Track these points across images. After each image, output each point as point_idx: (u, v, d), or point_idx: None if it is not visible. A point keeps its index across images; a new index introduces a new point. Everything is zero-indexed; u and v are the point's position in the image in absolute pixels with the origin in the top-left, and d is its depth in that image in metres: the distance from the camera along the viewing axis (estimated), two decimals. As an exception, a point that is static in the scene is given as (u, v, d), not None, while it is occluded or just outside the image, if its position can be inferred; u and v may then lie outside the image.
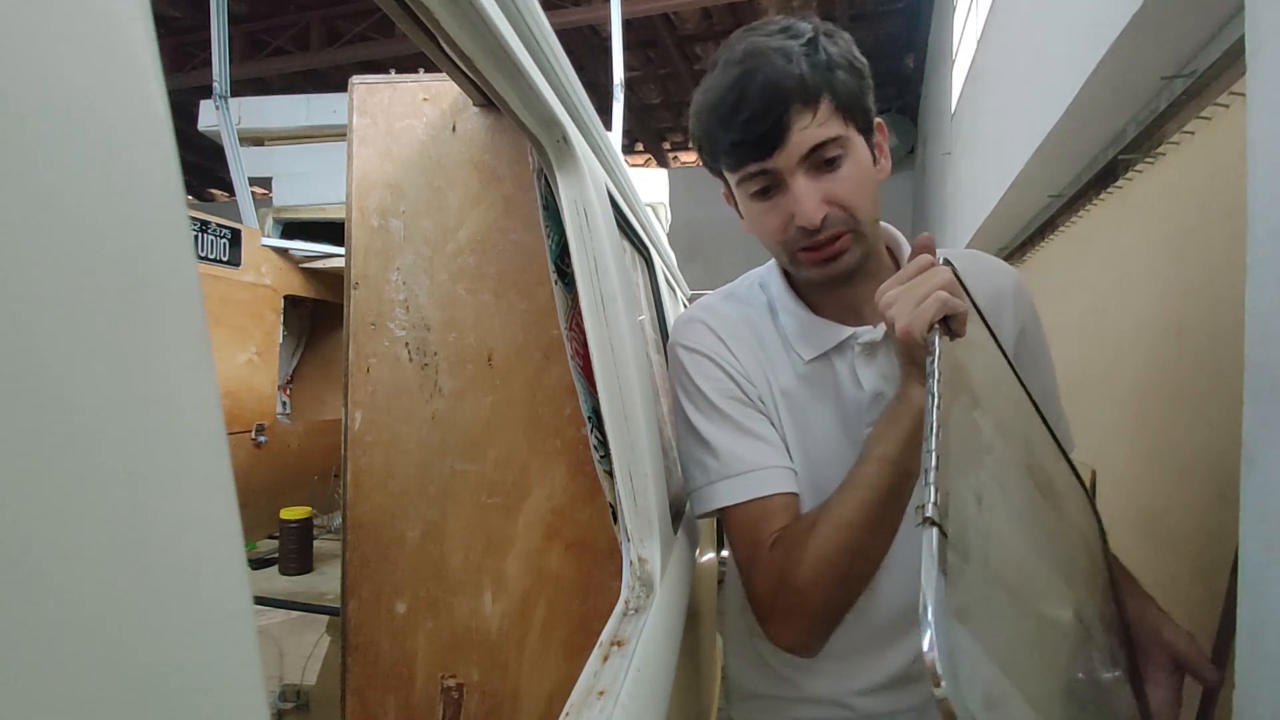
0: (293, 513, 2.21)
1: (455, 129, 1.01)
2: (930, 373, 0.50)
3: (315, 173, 2.57)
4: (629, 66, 4.23)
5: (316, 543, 2.30)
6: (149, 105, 0.19)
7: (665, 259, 1.99)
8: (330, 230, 2.38)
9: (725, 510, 0.73)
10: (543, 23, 0.64)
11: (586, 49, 6.22)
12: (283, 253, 2.32)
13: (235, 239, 2.13)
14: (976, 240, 3.31)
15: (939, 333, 0.55)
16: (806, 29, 0.67)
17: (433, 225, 1.02)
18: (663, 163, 9.34)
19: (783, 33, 0.67)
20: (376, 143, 1.02)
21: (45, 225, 0.16)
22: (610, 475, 0.75)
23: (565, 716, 0.51)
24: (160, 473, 0.18)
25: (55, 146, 0.16)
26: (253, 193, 2.50)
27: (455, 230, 1.01)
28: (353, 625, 1.02)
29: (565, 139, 0.73)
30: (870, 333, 0.75)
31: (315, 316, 2.74)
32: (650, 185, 3.27)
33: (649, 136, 8.78)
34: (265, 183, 2.73)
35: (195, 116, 2.82)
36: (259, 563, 2.27)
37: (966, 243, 3.53)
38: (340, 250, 1.84)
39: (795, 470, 0.75)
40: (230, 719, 0.20)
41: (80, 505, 0.16)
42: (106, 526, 0.16)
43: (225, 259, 2.10)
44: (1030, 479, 0.61)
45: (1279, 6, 0.41)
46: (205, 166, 7.72)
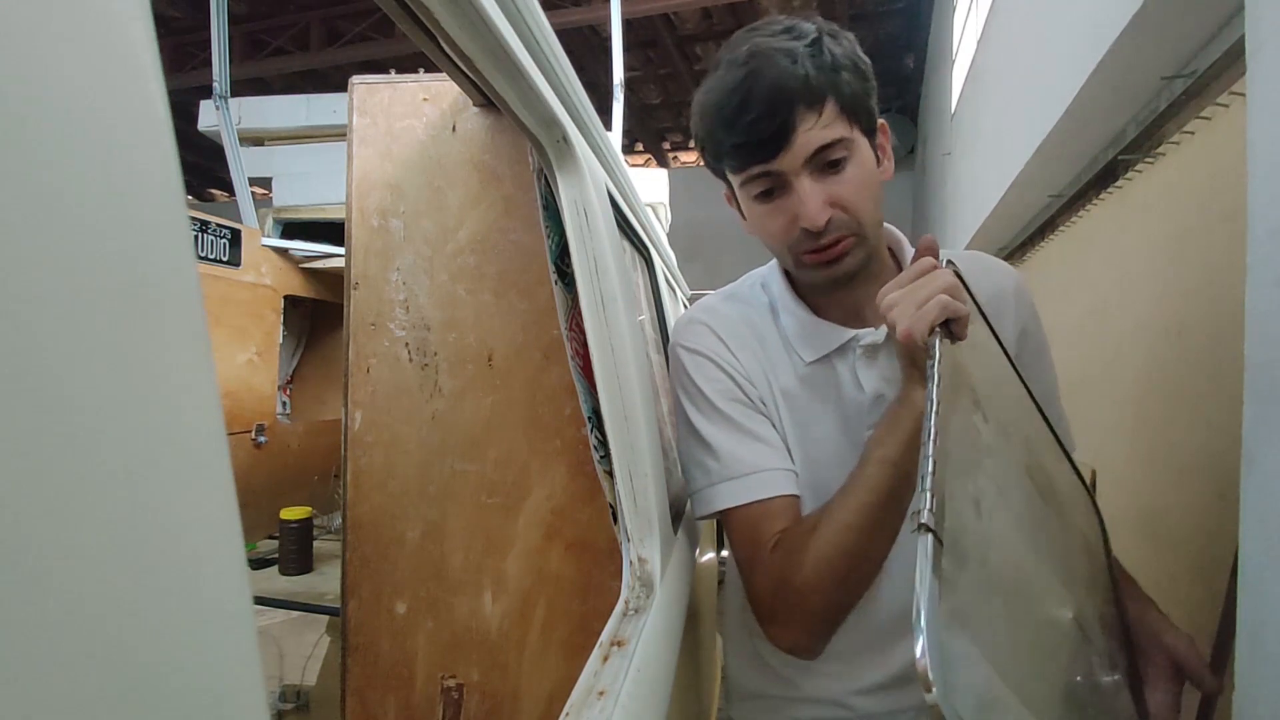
0: (293, 513, 2.21)
1: (455, 129, 1.01)
2: (930, 377, 0.50)
3: (315, 173, 2.57)
4: (629, 66, 4.23)
5: (316, 543, 2.30)
6: (149, 105, 0.19)
7: (665, 259, 1.98)
8: (330, 230, 2.38)
9: (726, 512, 0.73)
10: (543, 23, 0.64)
11: (586, 49, 6.22)
12: (283, 253, 2.32)
13: (235, 239, 2.13)
14: (976, 240, 3.31)
15: (940, 336, 0.55)
16: (810, 29, 0.66)
17: (433, 225, 1.02)
18: (663, 163, 9.34)
19: (786, 33, 0.66)
20: (376, 143, 1.02)
21: (45, 225, 0.16)
22: (610, 475, 0.75)
23: (565, 716, 0.51)
24: (160, 473, 0.18)
25: (55, 146, 0.16)
26: (253, 193, 2.51)
27: (455, 230, 1.01)
28: (353, 625, 1.02)
29: (565, 139, 0.73)
30: (872, 335, 0.75)
31: (315, 316, 2.74)
32: (650, 185, 3.26)
33: (649, 136, 8.78)
34: (265, 183, 2.73)
35: (195, 116, 2.82)
36: (259, 563, 2.27)
37: (966, 243, 3.53)
38: (340, 250, 1.84)
39: (796, 472, 0.75)
40: (230, 719, 0.20)
41: (80, 505, 0.16)
42: (106, 526, 0.16)
43: (225, 259, 2.10)
44: (1031, 481, 0.61)
45: (1279, 6, 0.41)
46: (205, 166, 7.72)
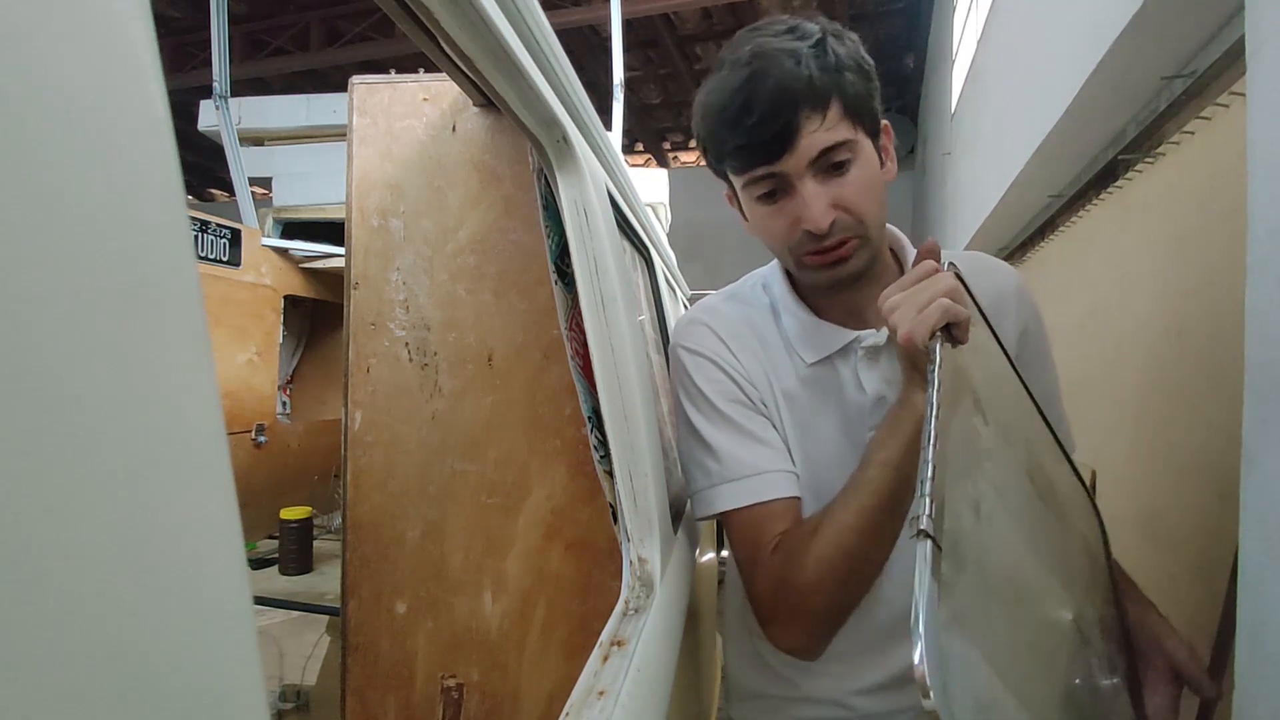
0: (293, 513, 2.21)
1: (455, 129, 1.01)
2: (931, 381, 0.50)
3: (315, 173, 2.57)
4: (629, 66, 4.23)
5: (316, 543, 2.30)
6: (149, 105, 0.19)
7: (665, 259, 1.98)
8: (330, 230, 2.38)
9: (727, 514, 0.73)
10: (543, 23, 0.64)
11: (586, 49, 6.22)
12: (283, 253, 2.33)
13: (235, 239, 2.13)
14: (976, 240, 3.31)
15: (941, 340, 0.54)
16: (814, 30, 0.66)
17: (433, 225, 1.02)
18: (663, 163, 9.34)
19: (790, 33, 0.65)
20: (376, 143, 1.02)
21: (45, 225, 0.16)
22: (610, 475, 0.75)
23: (565, 716, 0.51)
24: (160, 473, 0.18)
25: (55, 146, 0.16)
26: (253, 193, 2.51)
27: (455, 230, 1.01)
28: (353, 625, 1.02)
29: (565, 139, 0.73)
30: (873, 336, 0.74)
31: (315, 316, 2.74)
32: (650, 185, 3.26)
33: (649, 136, 8.78)
34: (265, 183, 2.73)
35: (195, 116, 2.82)
36: (259, 563, 2.27)
37: (967, 243, 3.53)
38: (340, 250, 1.83)
39: (797, 474, 0.75)
40: (230, 719, 0.20)
41: (81, 505, 0.16)
42: (107, 526, 0.16)
43: (225, 259, 2.10)
44: (1031, 483, 0.60)
45: (1279, 6, 0.41)
46: (205, 166, 7.72)
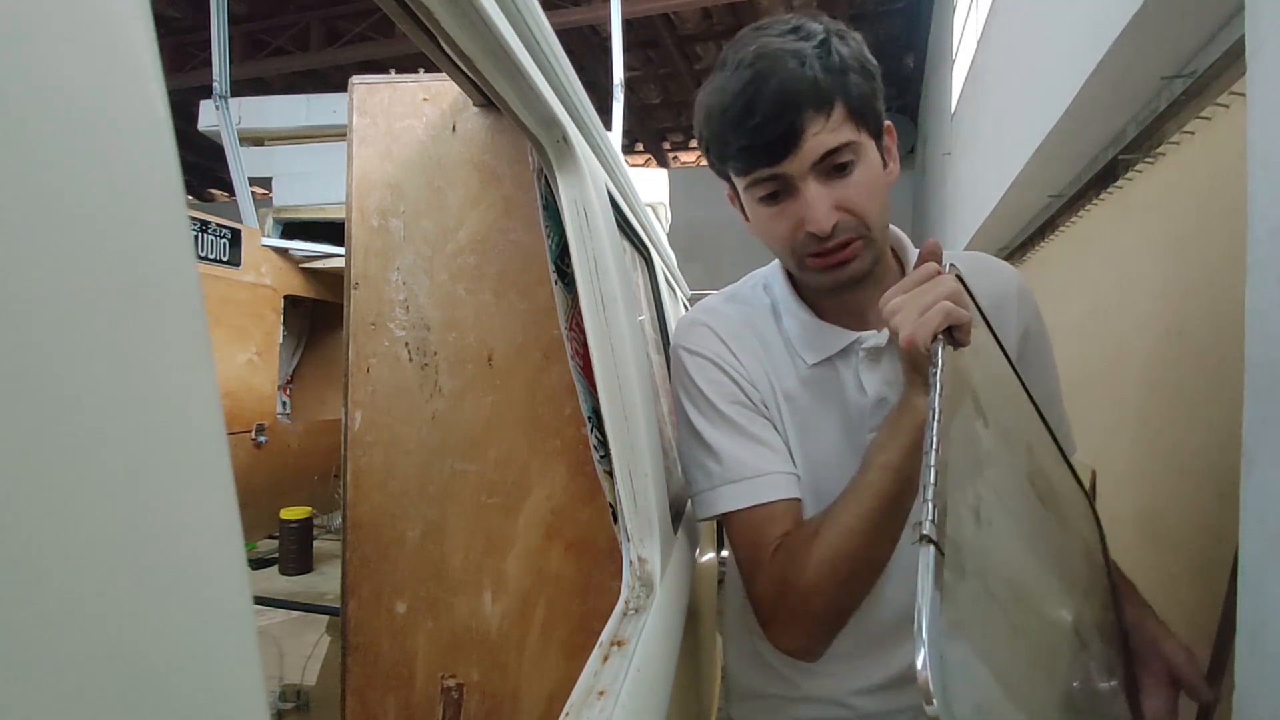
0: (293, 513, 2.21)
1: (455, 129, 1.01)
2: (933, 385, 0.49)
3: (315, 173, 2.57)
4: (629, 66, 4.23)
5: (316, 543, 2.30)
6: (149, 105, 0.19)
7: (665, 259, 1.99)
8: (330, 230, 2.38)
9: (728, 515, 0.73)
10: (543, 23, 0.64)
11: (586, 49, 6.22)
12: (283, 253, 2.33)
13: (235, 239, 2.13)
14: (976, 240, 3.31)
15: (942, 343, 0.54)
16: (818, 30, 0.65)
17: (433, 225, 1.02)
18: (663, 163, 9.34)
19: (794, 33, 0.65)
20: (376, 143, 1.02)
21: (45, 225, 0.16)
22: (610, 475, 0.75)
23: (565, 716, 0.51)
24: (160, 473, 0.18)
25: (55, 146, 0.16)
26: (253, 193, 2.51)
27: (455, 230, 1.01)
28: (353, 625, 1.02)
29: (565, 139, 0.73)
30: (875, 338, 0.74)
31: (315, 316, 2.74)
32: (650, 185, 3.27)
33: (649, 136, 8.78)
34: (265, 183, 2.73)
35: (195, 116, 2.82)
36: (259, 563, 2.27)
37: (967, 243, 3.53)
38: (340, 250, 1.84)
39: (798, 475, 0.74)
40: (230, 719, 0.20)
41: (80, 505, 0.16)
42: (107, 526, 0.16)
43: (225, 259, 2.10)
44: (1031, 487, 0.60)
45: (1279, 6, 0.41)
46: (205, 166, 7.72)
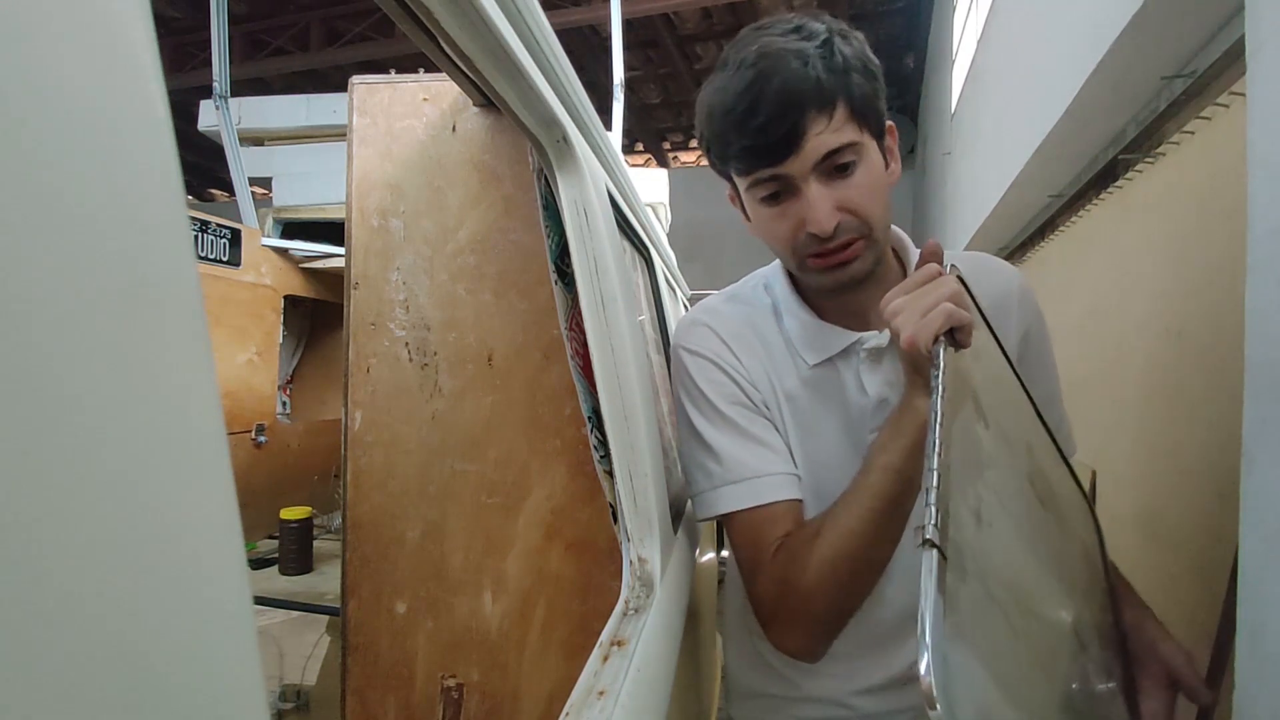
0: (293, 513, 2.21)
1: (455, 129, 1.01)
2: (934, 387, 0.49)
3: (315, 173, 2.57)
4: (629, 66, 4.22)
5: (316, 543, 2.30)
6: (149, 105, 0.19)
7: (665, 259, 1.99)
8: (330, 230, 2.38)
9: (728, 516, 0.73)
10: (543, 23, 0.64)
11: (586, 49, 6.22)
12: (283, 253, 2.33)
13: (235, 239, 2.13)
14: (976, 240, 3.31)
15: (944, 344, 0.54)
16: (821, 30, 0.65)
17: (433, 225, 1.02)
18: (663, 163, 9.34)
19: (796, 33, 0.65)
20: (376, 143, 1.02)
21: (45, 225, 0.16)
22: (610, 475, 0.75)
23: (565, 716, 0.51)
24: (160, 473, 0.18)
25: (55, 146, 0.16)
26: (253, 193, 2.51)
27: (455, 230, 1.01)
28: (353, 625, 1.02)
29: (565, 139, 0.73)
30: (876, 338, 0.74)
31: (315, 316, 2.74)
32: (650, 185, 3.26)
33: (649, 136, 8.78)
34: (265, 183, 2.74)
35: (195, 116, 2.82)
36: (259, 563, 2.27)
37: (967, 243, 3.53)
38: (340, 250, 1.84)
39: (799, 476, 0.74)
40: (230, 719, 0.20)
41: (81, 505, 0.16)
42: (107, 526, 0.16)
43: (225, 259, 2.10)
44: (1031, 488, 0.60)
45: (1279, 7, 0.41)
46: (205, 166, 7.72)
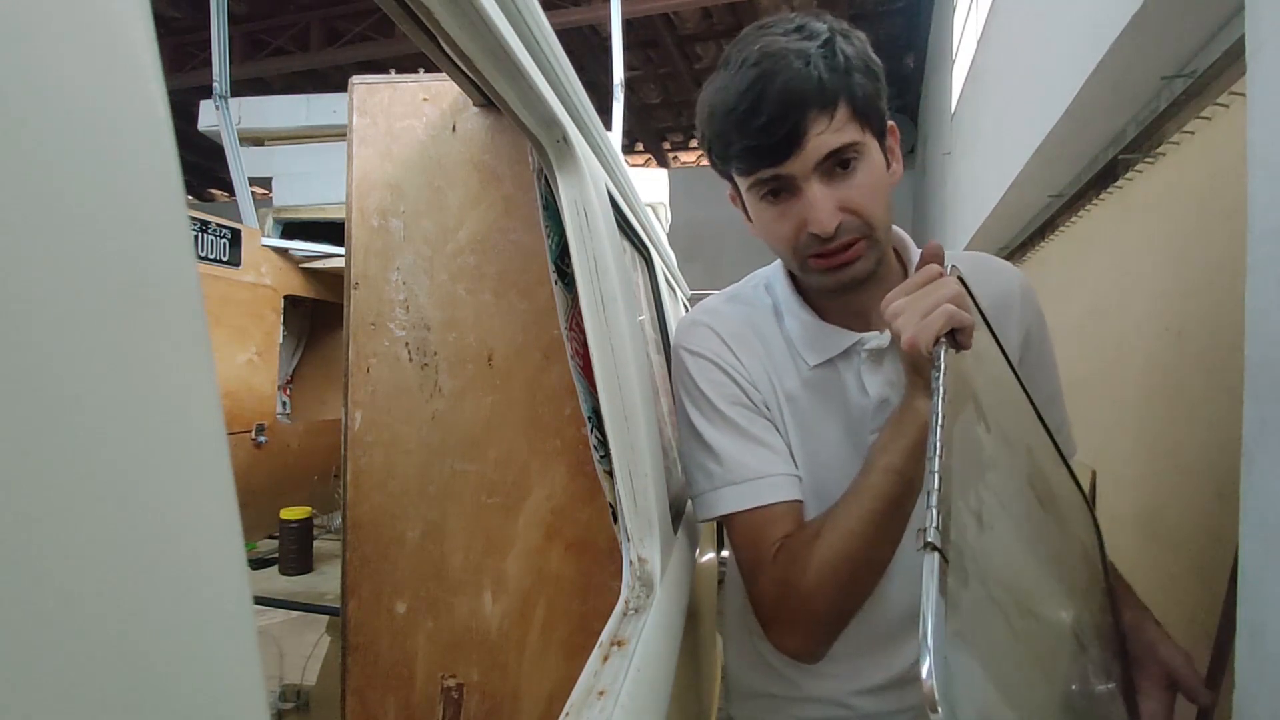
0: (293, 513, 2.21)
1: (455, 129, 1.01)
2: (935, 389, 0.49)
3: (315, 173, 2.57)
4: (629, 66, 4.22)
5: (316, 543, 2.30)
6: (149, 105, 0.19)
7: (665, 259, 1.98)
8: (330, 230, 2.38)
9: (729, 517, 0.73)
10: (543, 23, 0.64)
11: (586, 49, 6.22)
12: (283, 253, 2.33)
13: (235, 239, 2.13)
14: (976, 240, 3.31)
15: (945, 346, 0.54)
16: (822, 29, 0.65)
17: (433, 225, 1.02)
18: (663, 163, 9.34)
19: (798, 32, 0.65)
20: (376, 143, 1.02)
21: (45, 225, 0.16)
22: (610, 475, 0.75)
23: (565, 716, 0.51)
24: (160, 473, 0.18)
25: (55, 146, 0.16)
26: (253, 193, 2.51)
27: (455, 230, 1.01)
28: (353, 625, 1.02)
29: (565, 139, 0.72)
30: (877, 339, 0.74)
31: (315, 316, 2.74)
32: (650, 185, 3.26)
33: (649, 136, 8.78)
34: (265, 183, 2.73)
35: (195, 116, 2.82)
36: (259, 563, 2.27)
37: (967, 243, 3.53)
38: (340, 250, 1.84)
39: (800, 477, 0.74)
40: (230, 719, 0.20)
41: (80, 505, 0.16)
42: (107, 526, 0.16)
43: (225, 259, 2.10)
44: (1031, 490, 0.60)
45: (1279, 7, 0.41)
46: (205, 166, 7.72)
